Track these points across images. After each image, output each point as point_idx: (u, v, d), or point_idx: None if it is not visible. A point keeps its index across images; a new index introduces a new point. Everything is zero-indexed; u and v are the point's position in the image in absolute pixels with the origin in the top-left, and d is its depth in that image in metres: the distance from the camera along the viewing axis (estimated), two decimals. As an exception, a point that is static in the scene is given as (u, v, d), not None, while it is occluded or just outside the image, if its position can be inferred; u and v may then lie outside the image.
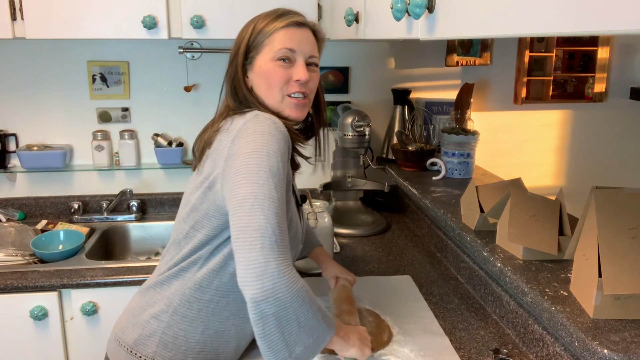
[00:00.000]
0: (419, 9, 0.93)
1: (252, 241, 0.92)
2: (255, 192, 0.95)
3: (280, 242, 0.94)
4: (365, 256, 1.82)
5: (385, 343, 1.26)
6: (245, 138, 1.01)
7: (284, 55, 1.12)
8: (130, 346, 1.12)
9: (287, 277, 0.93)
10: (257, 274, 0.91)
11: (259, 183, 0.96)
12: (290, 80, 1.13)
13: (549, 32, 0.64)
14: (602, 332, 0.98)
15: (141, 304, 1.16)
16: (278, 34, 1.12)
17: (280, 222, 0.95)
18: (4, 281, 1.63)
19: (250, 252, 0.92)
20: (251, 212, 0.94)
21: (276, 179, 0.97)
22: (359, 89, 2.31)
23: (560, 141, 2.47)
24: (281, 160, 1.00)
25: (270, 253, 0.92)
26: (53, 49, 2.11)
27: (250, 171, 0.97)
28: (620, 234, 1.02)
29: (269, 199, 0.95)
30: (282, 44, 1.11)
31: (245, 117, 1.06)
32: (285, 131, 1.05)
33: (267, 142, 1.00)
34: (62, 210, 2.21)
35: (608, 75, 2.42)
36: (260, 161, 0.97)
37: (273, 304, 0.92)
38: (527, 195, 1.34)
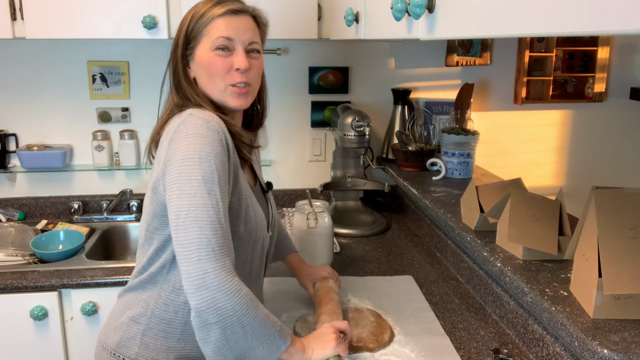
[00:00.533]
0: (419, 9, 0.93)
1: (189, 254, 0.94)
2: (187, 204, 0.95)
3: (218, 250, 0.95)
4: (365, 256, 1.82)
5: (387, 343, 1.26)
6: (178, 142, 1.00)
7: (222, 44, 1.10)
8: (113, 349, 1.13)
9: (227, 286, 0.94)
10: (196, 286, 0.93)
11: (190, 193, 0.96)
12: (231, 69, 1.11)
13: (549, 32, 0.64)
14: (602, 332, 0.98)
15: (120, 308, 1.17)
16: (215, 22, 1.10)
17: (217, 230, 0.96)
18: (4, 281, 1.63)
19: (188, 265, 0.94)
20: (185, 225, 0.95)
21: (209, 185, 0.97)
22: (359, 89, 2.31)
23: (560, 141, 2.48)
24: (215, 162, 0.99)
25: (207, 264, 0.93)
26: (53, 49, 2.11)
27: (182, 181, 0.97)
28: (620, 234, 1.02)
29: (202, 208, 0.95)
30: (219, 32, 1.09)
31: (180, 118, 1.05)
32: (220, 128, 1.03)
33: (199, 145, 0.99)
34: (62, 210, 2.21)
35: (608, 75, 2.42)
36: (192, 169, 0.97)
37: (214, 313, 0.93)
38: (527, 195, 1.34)
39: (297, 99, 2.28)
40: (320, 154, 2.34)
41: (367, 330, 1.29)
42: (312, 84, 2.27)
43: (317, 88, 2.27)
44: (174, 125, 1.04)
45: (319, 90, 2.28)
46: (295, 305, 1.45)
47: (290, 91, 2.27)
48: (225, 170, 1.01)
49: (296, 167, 2.34)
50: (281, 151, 2.32)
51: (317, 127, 2.32)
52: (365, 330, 1.28)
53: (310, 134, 2.32)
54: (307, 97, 2.29)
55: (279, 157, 2.32)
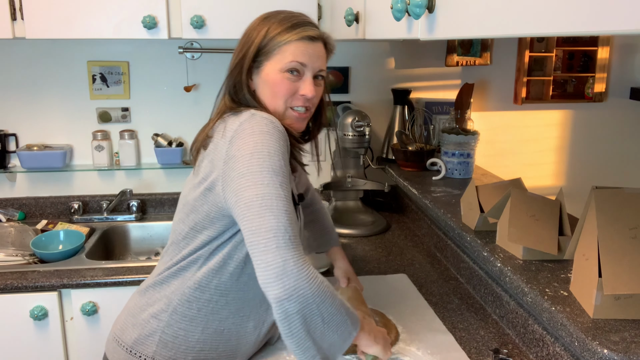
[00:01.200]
0: (419, 9, 0.93)
1: (267, 242, 0.92)
2: (261, 193, 0.95)
3: (294, 239, 0.94)
4: (365, 256, 1.82)
5: (393, 342, 1.26)
6: (243, 139, 1.00)
7: (293, 68, 1.11)
8: (130, 346, 1.12)
9: (307, 273, 0.93)
10: (277, 274, 0.91)
11: (264, 183, 0.95)
12: (296, 93, 1.12)
13: (549, 32, 0.64)
14: (602, 332, 0.98)
15: (140, 304, 1.16)
16: (291, 45, 1.10)
17: (291, 220, 0.95)
18: (4, 281, 1.63)
19: (266, 254, 0.92)
20: (260, 213, 0.94)
21: (280, 177, 0.97)
22: (359, 89, 2.31)
23: (560, 141, 2.47)
24: (283, 158, 0.99)
25: (286, 252, 0.92)
26: (53, 49, 2.11)
27: (254, 172, 0.96)
28: (620, 234, 1.02)
29: (277, 197, 0.95)
30: (294, 56, 1.10)
31: (240, 118, 1.05)
32: (283, 129, 1.04)
33: (266, 141, 0.99)
34: (62, 210, 2.21)
35: (608, 75, 2.42)
36: (262, 161, 0.97)
37: (296, 301, 0.92)
38: (527, 195, 1.34)
39: (297, 99, 2.28)
40: (321, 154, 2.34)
41: None
42: (312, 84, 2.26)
43: (317, 88, 2.27)
44: (234, 124, 1.04)
45: (319, 90, 2.28)
46: None
47: (290, 91, 2.27)
48: (288, 167, 1.02)
49: (296, 167, 2.34)
50: (281, 151, 2.31)
51: (318, 127, 2.32)
52: None
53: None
54: (307, 97, 2.28)
55: (279, 157, 2.32)
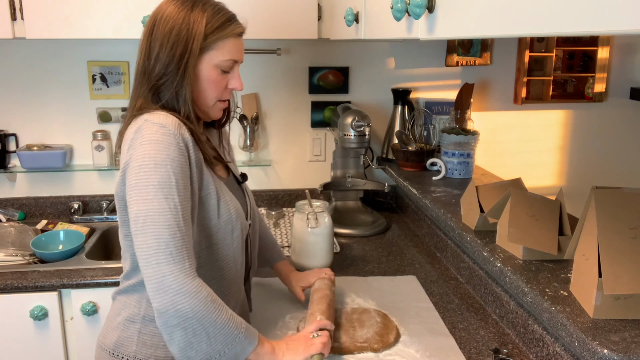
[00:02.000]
0: (419, 9, 0.93)
1: (148, 258, 0.96)
2: (144, 209, 0.97)
3: (176, 253, 0.96)
4: (365, 256, 1.82)
5: (392, 343, 1.26)
6: (135, 149, 1.01)
7: (228, 67, 1.12)
8: (112, 349, 1.15)
9: (186, 288, 0.95)
10: (155, 289, 0.95)
11: (147, 199, 0.97)
12: (226, 87, 1.15)
13: (549, 32, 0.64)
14: (602, 332, 0.98)
15: (115, 309, 1.19)
16: (228, 42, 1.10)
17: (175, 233, 0.97)
18: (4, 281, 1.63)
19: (147, 269, 0.96)
20: (143, 229, 0.97)
21: (167, 190, 0.98)
22: (359, 89, 2.31)
23: (560, 141, 2.47)
24: (171, 167, 0.99)
25: (165, 267, 0.95)
26: (53, 49, 2.11)
27: (139, 187, 0.98)
28: (620, 234, 1.02)
29: (158, 213, 0.97)
30: (231, 54, 1.11)
31: (135, 125, 1.05)
32: (177, 131, 1.03)
33: (153, 151, 1.00)
34: (62, 210, 2.21)
35: (608, 75, 2.42)
36: (147, 175, 0.98)
37: (174, 315, 0.95)
38: (527, 195, 1.34)
39: (297, 99, 2.28)
40: (320, 154, 2.34)
41: (373, 330, 1.29)
42: (312, 84, 2.27)
43: (317, 88, 2.27)
44: (131, 132, 1.05)
45: (319, 90, 2.28)
46: (298, 306, 1.45)
47: (290, 91, 2.27)
48: (184, 173, 1.02)
49: (296, 167, 2.34)
50: (281, 151, 2.32)
51: (317, 127, 2.32)
52: (370, 331, 1.28)
53: (310, 134, 2.32)
54: (307, 97, 2.29)
55: (279, 157, 2.32)
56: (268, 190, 2.31)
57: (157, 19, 1.11)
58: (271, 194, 2.31)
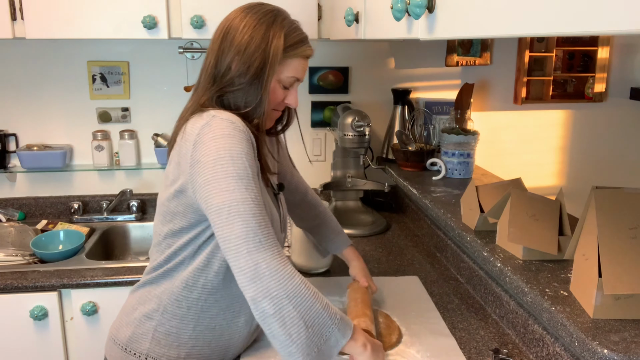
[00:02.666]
0: (419, 9, 0.93)
1: (237, 248, 0.95)
2: (228, 200, 0.96)
3: (265, 240, 0.96)
4: (365, 256, 1.82)
5: (394, 344, 1.26)
6: (206, 145, 1.01)
7: (289, 84, 1.14)
8: (125, 344, 1.14)
9: (280, 273, 0.94)
10: (250, 277, 0.94)
11: (229, 190, 0.97)
12: (282, 101, 1.17)
13: (549, 32, 0.64)
14: (602, 332, 0.98)
15: (133, 303, 1.18)
16: (295, 61, 1.13)
17: (261, 221, 0.97)
18: (4, 281, 1.63)
19: (238, 260, 0.94)
20: (228, 220, 0.96)
21: (245, 181, 0.98)
22: (359, 89, 2.31)
23: (561, 141, 2.47)
24: (247, 159, 1.00)
25: (257, 254, 0.94)
26: (53, 49, 2.11)
27: (218, 179, 0.98)
28: (620, 234, 1.02)
29: (243, 202, 0.96)
30: (296, 73, 1.14)
31: (202, 120, 1.04)
32: (245, 128, 1.04)
33: (228, 145, 1.00)
34: (62, 210, 2.21)
35: (608, 75, 2.42)
36: (225, 167, 0.98)
37: (270, 302, 0.93)
38: (527, 195, 1.34)
39: (297, 99, 2.28)
40: (320, 154, 2.34)
41: (375, 331, 1.28)
42: (312, 84, 2.27)
43: (317, 88, 2.27)
44: (196, 127, 1.04)
45: (319, 90, 2.28)
46: None
47: (290, 91, 2.27)
48: (256, 167, 1.03)
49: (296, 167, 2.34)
50: (281, 151, 2.31)
51: (317, 127, 2.32)
52: (373, 332, 1.28)
53: (310, 134, 2.32)
54: (307, 97, 2.29)
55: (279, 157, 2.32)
56: (268, 190, 2.31)
57: (232, 26, 1.12)
58: (271, 194, 2.30)
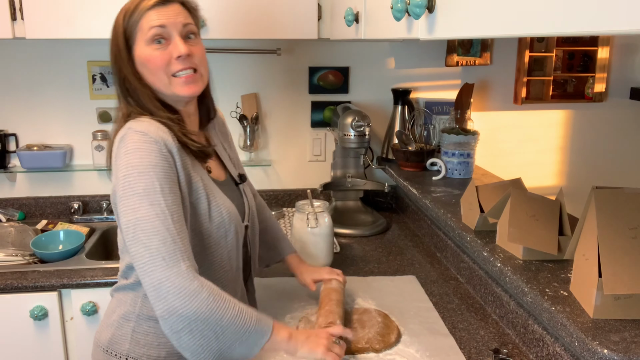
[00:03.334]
0: (419, 9, 0.93)
1: (143, 267, 0.95)
2: (132, 219, 0.97)
3: (169, 257, 0.95)
4: (365, 256, 1.82)
5: (393, 344, 1.26)
6: (119, 159, 1.02)
7: (156, 35, 1.07)
8: (106, 346, 1.15)
9: (184, 291, 0.94)
10: (154, 296, 0.95)
11: (134, 208, 0.97)
12: (171, 59, 1.08)
13: (549, 32, 0.64)
14: (602, 332, 0.98)
15: (112, 306, 1.20)
16: (146, 15, 1.08)
17: (165, 238, 0.96)
18: (4, 281, 1.63)
19: (144, 278, 0.96)
20: (134, 240, 0.96)
21: (151, 196, 0.97)
22: (359, 89, 2.31)
23: (560, 141, 2.47)
24: (155, 173, 0.99)
25: (160, 273, 0.94)
26: (53, 49, 2.11)
27: (126, 196, 0.98)
28: (620, 234, 1.02)
29: (145, 220, 0.96)
30: (151, 23, 1.07)
31: (120, 134, 1.05)
32: (159, 138, 1.02)
33: (137, 159, 1.00)
34: (62, 210, 2.21)
35: (608, 75, 2.42)
36: (132, 184, 0.98)
37: (178, 320, 0.94)
38: (527, 195, 1.34)
39: (297, 99, 2.28)
40: (320, 154, 2.34)
41: (374, 330, 1.29)
42: (312, 84, 2.27)
43: (317, 88, 2.27)
44: (116, 141, 1.06)
45: (319, 90, 2.28)
46: (298, 306, 1.45)
47: (290, 91, 2.27)
48: (169, 177, 1.01)
49: (296, 167, 2.34)
50: (281, 151, 2.32)
51: (317, 127, 2.32)
52: (372, 331, 1.28)
53: (310, 134, 2.32)
54: (307, 97, 2.29)
55: (279, 157, 2.32)
56: (268, 190, 2.31)
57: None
58: (271, 194, 2.31)
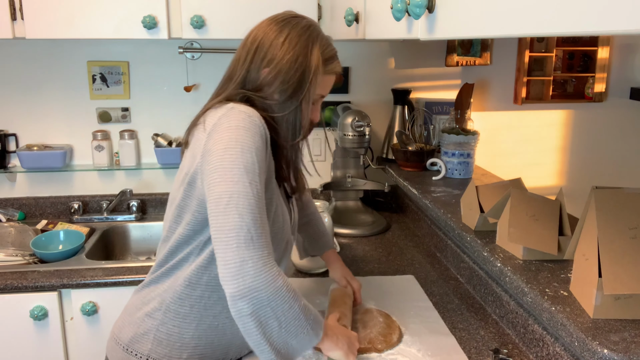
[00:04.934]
0: (419, 9, 0.93)
1: (228, 241, 0.92)
2: (230, 191, 0.95)
3: (257, 239, 0.94)
4: (365, 256, 1.82)
5: (395, 343, 1.26)
6: (219, 134, 1.00)
7: (316, 101, 1.16)
8: (126, 344, 1.13)
9: (264, 275, 0.93)
10: (233, 273, 0.92)
11: (233, 180, 0.95)
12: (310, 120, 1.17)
13: (549, 32, 0.64)
14: (602, 332, 0.98)
15: (136, 303, 1.17)
16: (328, 79, 1.14)
17: (257, 219, 0.95)
18: (4, 281, 1.63)
19: (225, 252, 0.92)
20: (225, 211, 0.94)
21: (251, 175, 0.97)
22: (359, 89, 2.31)
23: (560, 141, 2.48)
24: (256, 155, 0.99)
25: (245, 251, 0.92)
26: (53, 49, 2.11)
27: (225, 168, 0.96)
28: (620, 234, 1.02)
29: (244, 196, 0.95)
30: (323, 91, 1.15)
31: (220, 111, 1.04)
32: (261, 123, 1.03)
33: (241, 136, 0.99)
34: (62, 210, 2.21)
35: (608, 75, 2.42)
36: (234, 157, 0.97)
37: (249, 302, 0.92)
38: (527, 195, 1.34)
39: (297, 99, 2.28)
40: (320, 154, 2.34)
41: (376, 331, 1.29)
42: (312, 84, 2.26)
43: (317, 88, 2.27)
44: (213, 118, 1.04)
45: (319, 90, 2.28)
46: None
47: (290, 91, 2.27)
48: (264, 164, 1.02)
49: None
50: (281, 151, 2.31)
51: (317, 127, 2.32)
52: (373, 331, 1.28)
53: (310, 133, 2.31)
54: (307, 97, 2.28)
55: (279, 157, 2.32)
56: (268, 190, 2.31)
57: (267, 38, 1.11)
58: (271, 194, 2.30)
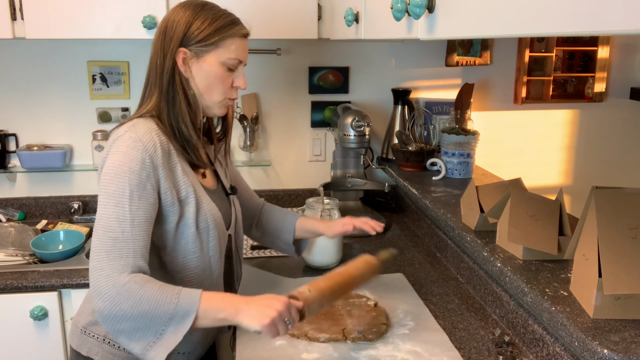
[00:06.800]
0: (419, 9, 0.93)
1: (91, 260, 1.04)
2: (99, 215, 1.07)
3: (115, 257, 1.02)
4: (365, 256, 1.82)
5: (384, 332, 1.29)
6: (107, 158, 1.10)
7: (233, 65, 1.19)
8: (84, 326, 1.22)
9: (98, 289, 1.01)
10: (92, 290, 1.03)
11: (102, 204, 1.07)
12: (232, 85, 1.21)
13: (549, 32, 0.64)
14: (602, 332, 0.98)
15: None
16: (234, 41, 1.17)
17: (117, 237, 1.03)
18: (4, 281, 1.63)
19: (90, 271, 1.04)
20: (95, 232, 1.06)
21: (118, 198, 1.05)
22: (359, 89, 2.31)
23: (561, 141, 2.48)
24: (129, 179, 1.06)
25: (99, 271, 1.02)
26: (53, 49, 2.11)
27: (100, 193, 1.08)
28: (620, 234, 1.02)
29: (107, 218, 1.05)
30: (237, 54, 1.18)
31: (119, 132, 1.12)
32: (149, 147, 1.09)
33: (119, 162, 1.07)
34: (62, 210, 2.21)
35: (608, 75, 2.42)
36: (107, 183, 1.07)
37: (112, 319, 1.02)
38: (527, 195, 1.34)
39: (297, 99, 2.28)
40: (320, 154, 2.34)
41: (365, 321, 1.31)
42: (312, 84, 2.27)
43: (317, 88, 2.27)
44: (112, 139, 1.13)
45: (319, 90, 2.28)
46: None
47: (290, 91, 2.27)
48: (142, 185, 1.08)
49: (296, 167, 2.34)
50: (281, 151, 2.32)
51: (317, 127, 2.32)
52: (362, 322, 1.30)
53: (310, 134, 2.32)
54: (307, 97, 2.29)
55: (279, 157, 2.32)
56: (268, 190, 2.31)
57: (169, 21, 1.18)
58: (271, 194, 2.31)
